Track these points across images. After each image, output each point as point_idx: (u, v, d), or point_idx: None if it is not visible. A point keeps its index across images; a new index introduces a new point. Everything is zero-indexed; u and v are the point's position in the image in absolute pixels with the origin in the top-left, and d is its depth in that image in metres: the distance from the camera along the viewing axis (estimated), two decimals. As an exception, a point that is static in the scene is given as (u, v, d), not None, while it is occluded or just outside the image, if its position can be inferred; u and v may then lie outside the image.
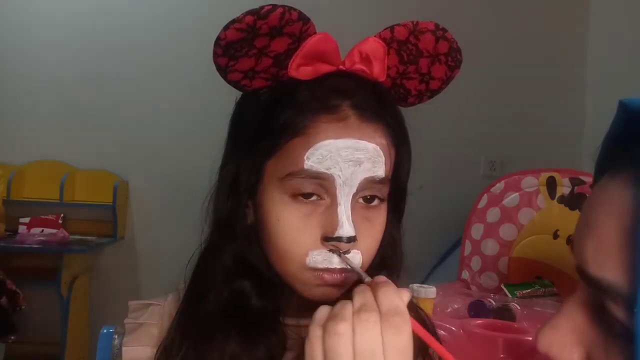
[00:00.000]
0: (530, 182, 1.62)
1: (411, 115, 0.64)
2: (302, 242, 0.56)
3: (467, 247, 1.67)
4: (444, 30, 0.62)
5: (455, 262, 1.76)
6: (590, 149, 0.44)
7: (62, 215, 2.74)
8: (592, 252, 0.38)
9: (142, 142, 2.83)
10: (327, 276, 0.56)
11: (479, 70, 2.76)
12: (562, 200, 1.57)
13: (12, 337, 2.29)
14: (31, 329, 2.51)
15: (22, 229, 2.63)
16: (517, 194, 1.63)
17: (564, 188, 1.58)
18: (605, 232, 0.38)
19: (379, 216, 0.60)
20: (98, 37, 2.83)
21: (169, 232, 2.35)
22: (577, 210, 1.55)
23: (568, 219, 1.55)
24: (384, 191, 0.60)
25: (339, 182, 0.56)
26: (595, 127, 2.86)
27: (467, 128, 2.83)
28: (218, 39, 0.55)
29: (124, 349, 0.64)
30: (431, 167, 2.66)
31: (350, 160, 0.56)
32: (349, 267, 0.56)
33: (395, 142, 0.60)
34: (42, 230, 2.63)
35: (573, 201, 1.56)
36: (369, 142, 0.57)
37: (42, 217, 2.68)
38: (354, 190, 0.56)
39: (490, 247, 1.63)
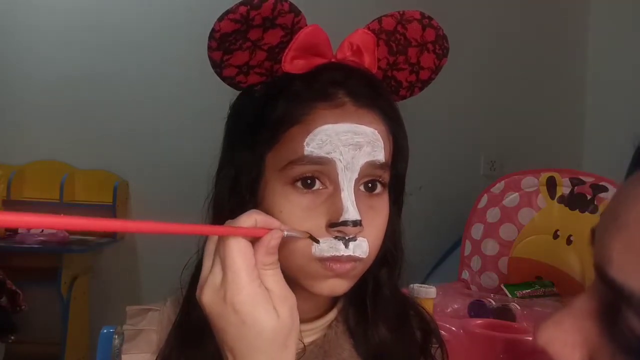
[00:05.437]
0: (530, 182, 1.62)
1: (411, 114, 0.64)
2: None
3: (467, 247, 1.67)
4: (430, 18, 0.63)
5: (455, 262, 1.75)
6: (591, 149, 0.43)
7: (62, 215, 2.73)
8: (618, 253, 0.33)
9: (142, 142, 2.82)
10: (335, 265, 0.55)
11: (479, 70, 2.77)
12: (562, 200, 1.57)
13: (12, 337, 2.28)
14: (31, 329, 2.50)
15: (22, 229, 2.63)
16: (517, 194, 1.63)
17: (564, 188, 1.58)
18: (638, 233, 0.32)
19: (383, 205, 0.59)
20: (98, 36, 2.82)
21: (169, 232, 2.34)
22: (577, 210, 1.55)
23: (568, 219, 1.55)
24: (385, 178, 0.59)
25: (340, 166, 0.55)
26: (595, 127, 2.86)
27: (467, 128, 2.82)
28: (212, 31, 0.55)
29: (123, 356, 0.63)
30: (431, 167, 2.66)
31: (350, 144, 0.55)
32: (355, 254, 0.55)
33: (392, 130, 0.60)
34: (42, 230, 2.62)
35: (573, 201, 1.55)
36: (367, 126, 0.57)
37: (42, 217, 2.68)
38: (356, 175, 0.56)
39: (490, 247, 1.63)
